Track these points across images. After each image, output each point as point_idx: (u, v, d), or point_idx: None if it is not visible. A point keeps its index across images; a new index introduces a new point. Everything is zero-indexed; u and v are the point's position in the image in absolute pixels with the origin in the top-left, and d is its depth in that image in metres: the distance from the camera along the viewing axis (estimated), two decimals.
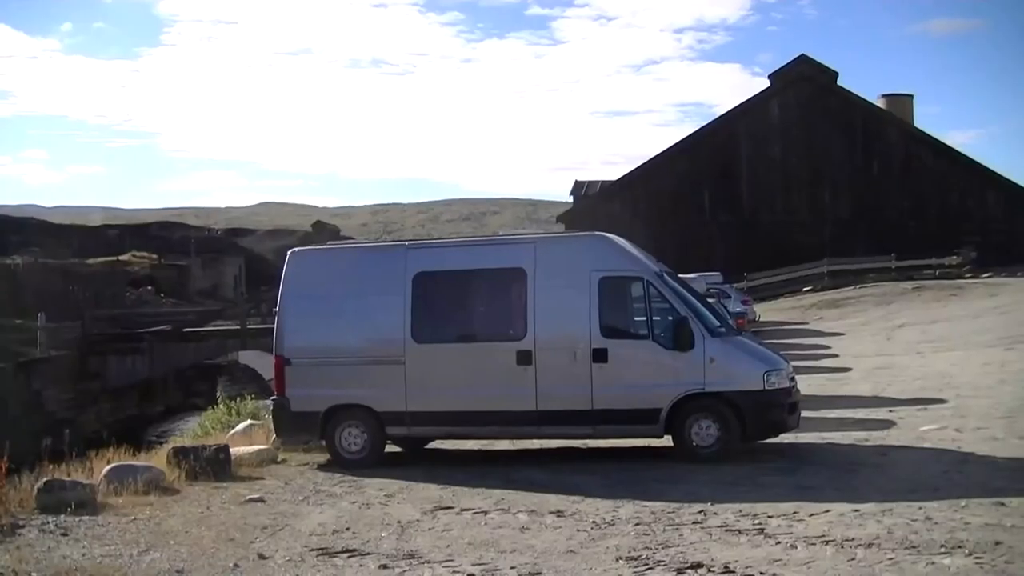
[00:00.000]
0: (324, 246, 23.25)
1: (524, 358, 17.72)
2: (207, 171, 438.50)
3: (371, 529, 13.42)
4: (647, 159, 74.56)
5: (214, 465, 17.22)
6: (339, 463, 18.35)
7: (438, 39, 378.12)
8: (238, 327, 49.73)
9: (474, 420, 18.28)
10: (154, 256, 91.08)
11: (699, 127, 76.81)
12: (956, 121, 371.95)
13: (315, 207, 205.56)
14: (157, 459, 18.28)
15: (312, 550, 12.31)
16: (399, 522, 13.75)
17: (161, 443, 26.71)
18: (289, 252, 20.10)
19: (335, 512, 14.59)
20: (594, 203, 73.38)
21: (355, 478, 17.08)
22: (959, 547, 10.98)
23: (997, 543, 11.05)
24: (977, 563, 10.38)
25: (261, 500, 15.43)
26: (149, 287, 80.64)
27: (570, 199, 79.12)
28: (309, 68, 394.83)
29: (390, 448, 19.14)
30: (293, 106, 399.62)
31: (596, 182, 78.74)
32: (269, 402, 20.28)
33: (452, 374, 18.26)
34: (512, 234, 21.16)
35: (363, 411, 18.48)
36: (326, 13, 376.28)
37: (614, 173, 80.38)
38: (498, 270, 18.76)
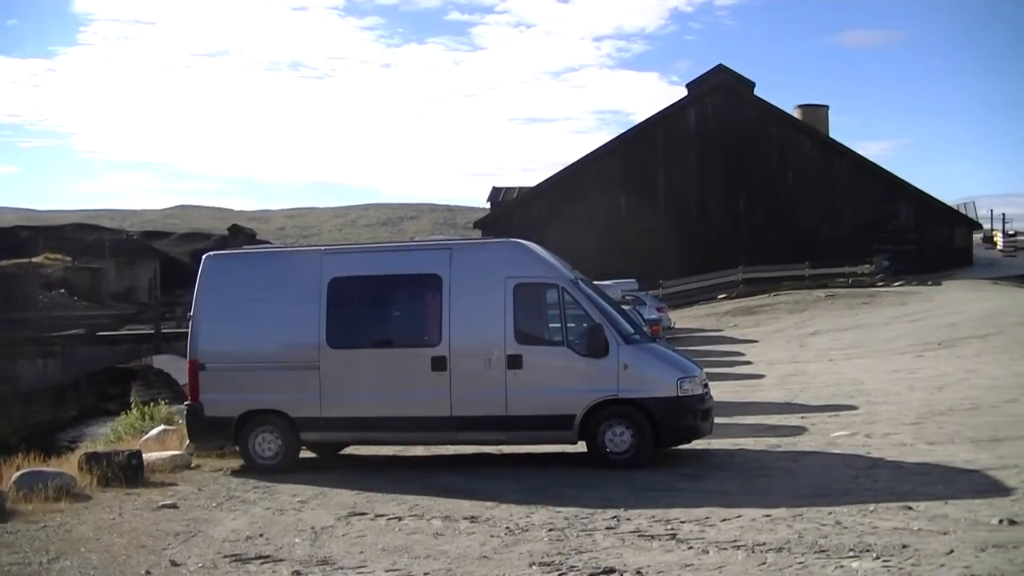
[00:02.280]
0: (240, 250, 23.16)
1: (439, 364, 17.73)
2: (123, 173, 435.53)
3: (284, 535, 13.36)
4: (565, 166, 74.87)
5: (126, 471, 17.05)
6: (253, 469, 18.25)
7: (357, 43, 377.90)
8: (152, 331, 49.41)
9: (389, 426, 18.23)
10: (68, 258, 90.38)
11: (617, 134, 77.31)
12: (870, 132, 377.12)
13: (232, 210, 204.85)
14: (68, 465, 18.06)
15: (225, 556, 12.23)
16: (313, 528, 13.70)
17: (73, 449, 26.43)
18: (204, 256, 19.94)
19: (248, 518, 14.51)
20: (511, 209, 73.58)
21: (269, 484, 17.00)
22: (867, 551, 11.11)
23: (904, 546, 11.18)
24: (885, 566, 10.49)
25: (174, 506, 15.31)
26: (62, 290, 79.99)
27: (488, 205, 79.21)
28: (227, 70, 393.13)
29: (305, 454, 19.06)
30: (211, 108, 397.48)
31: (514, 188, 78.95)
32: (183, 407, 20.16)
33: (367, 379, 18.22)
34: (428, 240, 21.11)
35: (277, 416, 18.39)
36: (245, 15, 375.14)
37: (532, 179, 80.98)
38: (414, 276, 18.74)
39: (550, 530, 12.96)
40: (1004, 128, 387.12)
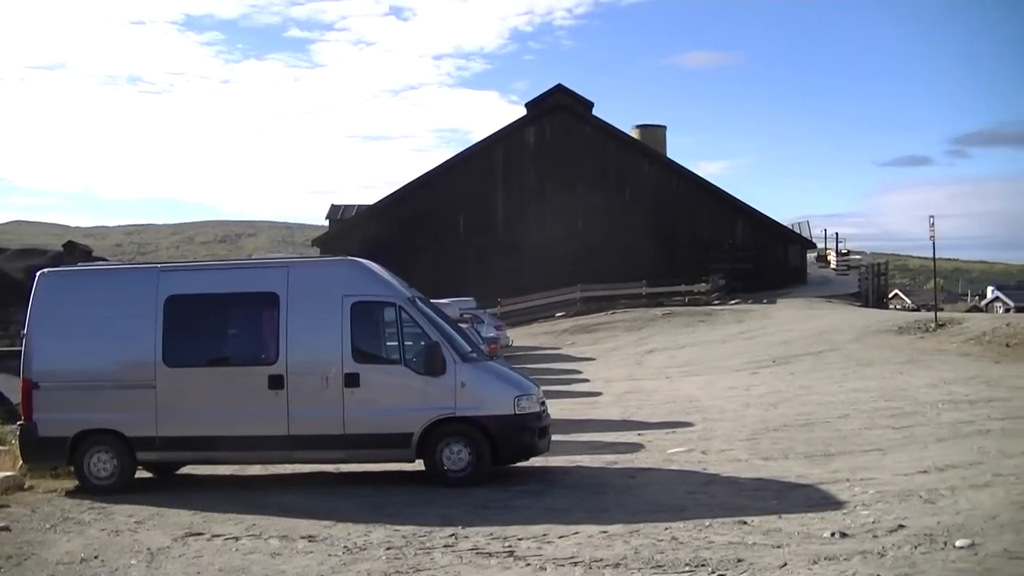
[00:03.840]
0: (75, 267, 22.74)
1: (276, 382, 17.58)
2: None
3: (120, 556, 13.14)
4: (404, 184, 74.67)
5: None
6: (88, 489, 17.86)
7: (197, 58, 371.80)
8: None
9: (226, 445, 17.98)
10: None
11: (456, 153, 77.26)
12: (707, 152, 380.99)
13: (68, 226, 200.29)
14: None
15: None
16: (149, 549, 13.48)
17: None
18: (39, 273, 19.53)
19: (83, 540, 14.21)
20: (349, 227, 73.25)
21: (104, 504, 16.65)
22: (703, 565, 11.21)
23: (739, 560, 11.31)
24: None
25: (6, 529, 14.92)
26: None
27: (326, 223, 78.79)
28: (63, 83, 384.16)
29: (141, 473, 18.74)
30: (47, 122, 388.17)
31: (352, 206, 78.57)
32: (16, 427, 19.68)
33: (203, 398, 17.99)
34: (266, 258, 21.00)
35: (113, 436, 18.04)
36: (82, 28, 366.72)
37: (371, 197, 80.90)
38: (251, 294, 18.57)
39: (388, 548, 12.90)
40: (836, 149, 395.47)
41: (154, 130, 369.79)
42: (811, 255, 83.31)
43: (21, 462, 19.13)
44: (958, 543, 11.33)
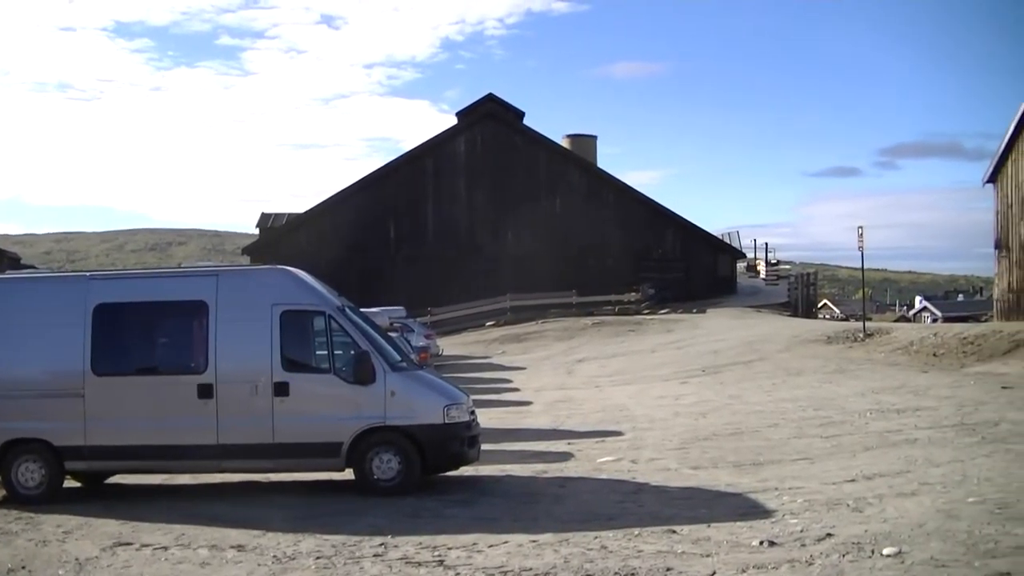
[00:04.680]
0: (2, 275, 22.52)
1: (205, 391, 17.46)
2: None
3: (48, 567, 13.00)
4: (334, 192, 74.36)
5: None
6: (16, 499, 17.63)
7: (127, 65, 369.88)
8: None
9: (155, 454, 17.84)
10: None
11: (386, 162, 77.03)
12: (637, 162, 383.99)
13: None
14: None
15: None
16: (77, 559, 13.34)
17: None
18: None
19: (10, 551, 14.05)
20: (279, 235, 72.85)
21: (32, 514, 16.46)
22: (632, 574, 11.21)
23: (668, 569, 11.32)
24: None
25: None
26: None
27: (256, 231, 78.37)
28: None
29: (70, 483, 18.54)
30: None
31: (283, 214, 78.15)
32: None
33: (132, 407, 17.84)
34: (195, 266, 20.83)
35: (41, 445, 17.84)
36: (10, 34, 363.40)
37: (302, 205, 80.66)
38: (180, 302, 18.44)
39: (318, 558, 12.84)
40: (766, 160, 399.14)
41: (84, 137, 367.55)
42: (741, 265, 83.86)
43: None
44: (885, 551, 11.40)
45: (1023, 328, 36.38)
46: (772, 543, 12.31)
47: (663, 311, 62.66)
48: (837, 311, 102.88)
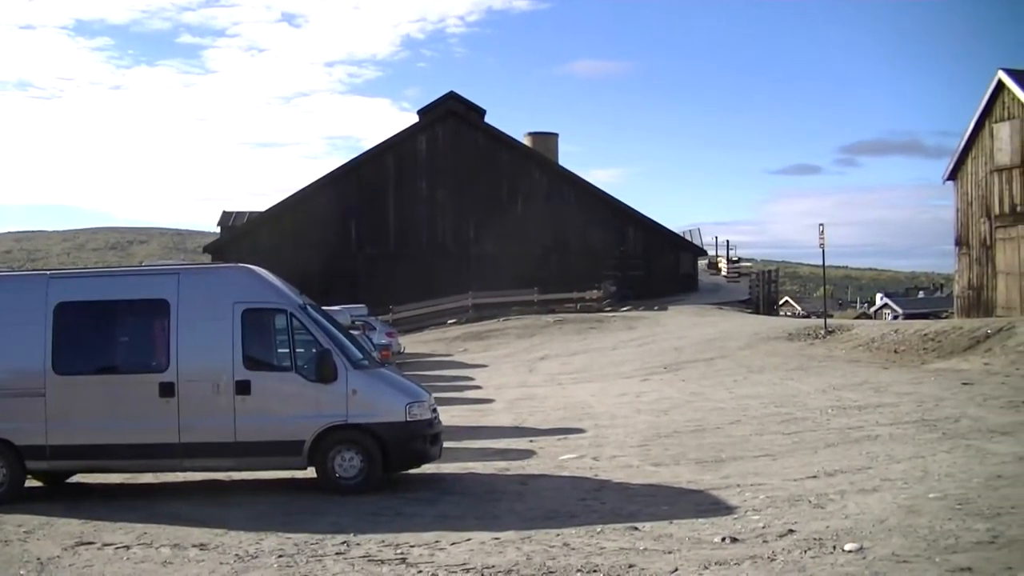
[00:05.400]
0: None
1: (166, 390, 17.38)
2: None
3: (9, 567, 12.91)
4: (295, 191, 74.19)
5: None
6: None
7: (87, 64, 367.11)
8: None
9: (116, 453, 17.74)
10: None
11: (347, 160, 76.86)
12: (599, 160, 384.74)
13: None
14: None
15: None
16: (39, 559, 13.28)
17: None
18: None
19: None
20: (241, 234, 72.62)
21: None
22: (595, 571, 11.22)
23: (631, 566, 11.33)
24: None
25: None
26: None
27: (218, 229, 78.08)
28: None
29: (31, 483, 18.42)
30: None
31: (244, 213, 77.87)
32: None
33: (94, 407, 17.74)
34: (156, 265, 20.75)
35: (2, 445, 17.70)
36: None
37: (263, 204, 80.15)
38: (141, 301, 18.38)
39: (280, 556, 12.81)
40: (727, 158, 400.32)
41: (44, 136, 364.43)
42: (702, 262, 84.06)
43: None
44: (847, 547, 11.43)
45: (983, 325, 36.53)
46: (734, 539, 12.34)
47: (625, 309, 62.79)
48: (798, 308, 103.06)
